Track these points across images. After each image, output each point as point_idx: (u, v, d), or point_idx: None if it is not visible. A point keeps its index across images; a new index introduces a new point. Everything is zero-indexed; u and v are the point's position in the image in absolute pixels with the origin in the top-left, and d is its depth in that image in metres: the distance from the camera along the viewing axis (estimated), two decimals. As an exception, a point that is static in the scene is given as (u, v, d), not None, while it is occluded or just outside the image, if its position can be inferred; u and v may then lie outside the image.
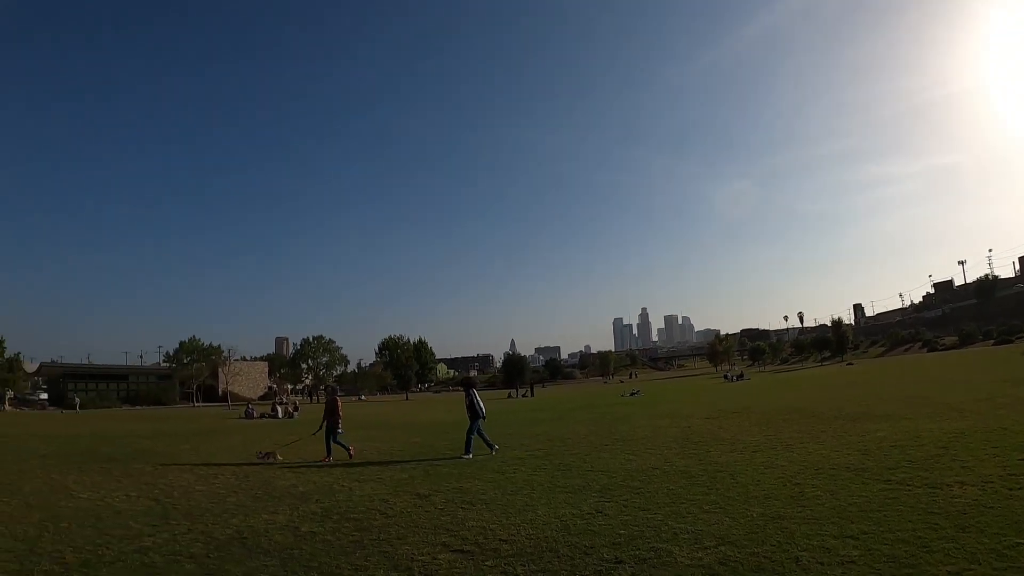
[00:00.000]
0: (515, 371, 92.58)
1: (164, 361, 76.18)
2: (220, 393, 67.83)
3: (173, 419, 31.73)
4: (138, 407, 55.65)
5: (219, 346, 69.61)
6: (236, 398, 64.18)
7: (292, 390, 77.56)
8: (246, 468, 11.47)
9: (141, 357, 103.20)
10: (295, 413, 33.21)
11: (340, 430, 11.83)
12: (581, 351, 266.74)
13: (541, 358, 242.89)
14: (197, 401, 65.03)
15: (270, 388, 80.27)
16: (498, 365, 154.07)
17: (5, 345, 57.93)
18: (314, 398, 66.37)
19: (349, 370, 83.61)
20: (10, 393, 55.25)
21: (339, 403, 11.96)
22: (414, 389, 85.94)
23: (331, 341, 78.70)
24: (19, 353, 62.49)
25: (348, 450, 11.87)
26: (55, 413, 38.07)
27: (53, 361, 78.22)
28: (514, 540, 5.60)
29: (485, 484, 8.51)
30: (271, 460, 11.86)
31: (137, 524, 6.98)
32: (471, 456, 11.28)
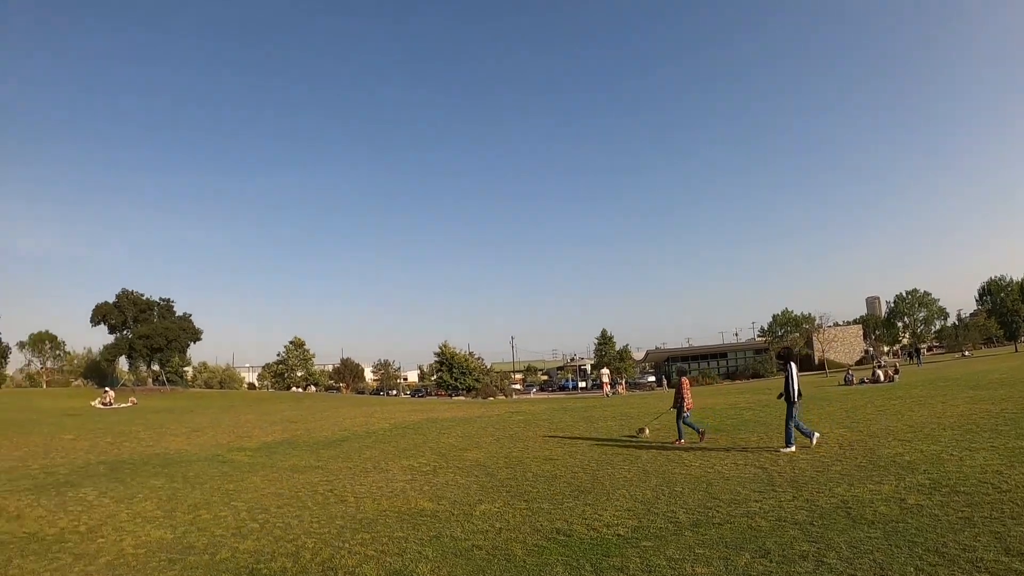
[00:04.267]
0: None
1: (759, 336, 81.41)
2: (816, 361, 67.51)
3: (772, 390, 33.10)
4: (737, 381, 60.71)
5: (811, 314, 70.46)
6: (832, 365, 62.67)
7: (888, 352, 71.45)
8: (847, 436, 11.20)
9: (736, 334, 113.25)
10: (896, 376, 29.58)
11: (687, 413, 12.31)
12: None
13: None
14: (795, 371, 66.31)
15: (866, 352, 75.03)
16: None
17: (613, 340, 74.68)
18: (913, 359, 59.39)
19: (949, 323, 73.93)
20: (624, 379, 69.77)
21: (686, 386, 12.50)
22: (1025, 339, 67.99)
23: (927, 294, 73.20)
24: (627, 344, 79.76)
25: (699, 432, 12.07)
26: (660, 391, 45.72)
27: (657, 347, 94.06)
28: None
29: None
30: (639, 435, 12.85)
31: (744, 490, 7.48)
32: (792, 449, 10.00)
